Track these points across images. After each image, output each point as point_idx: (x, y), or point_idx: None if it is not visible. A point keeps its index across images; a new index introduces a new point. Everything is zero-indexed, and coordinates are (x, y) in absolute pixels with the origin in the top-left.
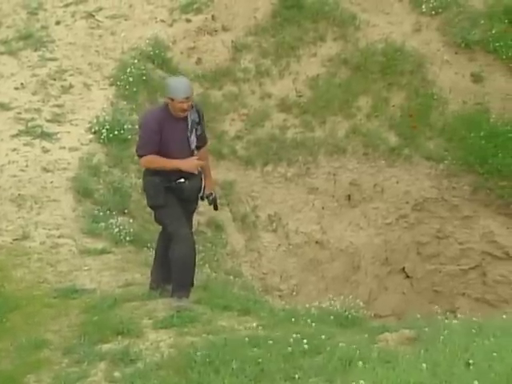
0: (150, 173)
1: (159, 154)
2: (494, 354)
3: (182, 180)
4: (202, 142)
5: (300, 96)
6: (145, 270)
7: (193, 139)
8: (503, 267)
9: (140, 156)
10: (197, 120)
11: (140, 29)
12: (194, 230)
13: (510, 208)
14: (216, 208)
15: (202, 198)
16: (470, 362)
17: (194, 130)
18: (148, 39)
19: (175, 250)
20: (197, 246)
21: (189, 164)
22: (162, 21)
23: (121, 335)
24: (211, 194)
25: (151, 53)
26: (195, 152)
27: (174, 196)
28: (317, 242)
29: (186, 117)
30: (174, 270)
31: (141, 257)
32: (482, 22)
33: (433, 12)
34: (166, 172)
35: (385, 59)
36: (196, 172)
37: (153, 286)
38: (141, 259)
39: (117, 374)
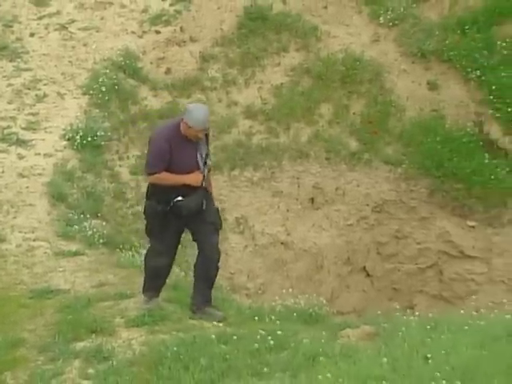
0: (152, 194)
1: (167, 171)
2: (450, 348)
3: (180, 198)
4: (207, 160)
5: (265, 104)
6: (117, 271)
7: (199, 158)
8: (458, 265)
9: (149, 173)
10: (204, 140)
11: (111, 40)
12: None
13: (464, 209)
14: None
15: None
16: (428, 356)
17: (201, 150)
18: (119, 50)
19: (150, 261)
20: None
21: (194, 178)
22: (133, 32)
23: (94, 333)
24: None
25: (122, 63)
26: (203, 170)
27: (173, 217)
28: (282, 243)
29: None
30: (146, 274)
31: (113, 258)
32: (437, 32)
33: (390, 24)
34: (165, 193)
35: (345, 68)
36: (200, 185)
37: (193, 309)
38: (113, 261)
39: (90, 370)
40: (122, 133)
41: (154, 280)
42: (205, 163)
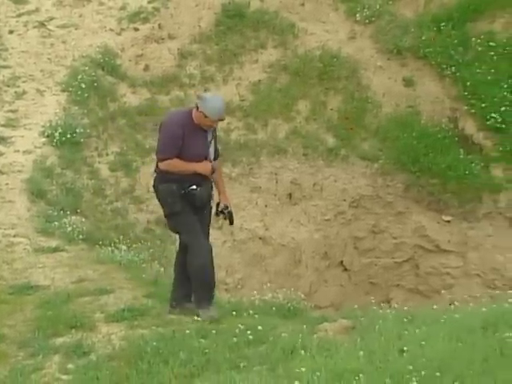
0: (165, 179)
1: (178, 158)
2: (426, 341)
3: (194, 187)
4: (217, 154)
5: (243, 100)
6: (97, 266)
7: (211, 150)
8: (434, 259)
9: (161, 159)
10: (215, 134)
11: (90, 37)
12: (144, 227)
13: (440, 204)
14: (232, 222)
15: (217, 214)
16: (404, 349)
17: (212, 142)
18: (98, 47)
19: (193, 262)
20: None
21: (204, 167)
22: (111, 30)
23: (74, 329)
24: (227, 207)
25: (101, 60)
26: (212, 162)
27: (188, 204)
28: (260, 238)
29: None
30: (194, 283)
31: (93, 254)
32: (413, 29)
33: (366, 21)
34: (179, 179)
35: (322, 65)
36: (209, 176)
37: (173, 304)
38: (93, 256)
39: (70, 365)
40: (101, 129)
41: (204, 287)
42: (215, 155)
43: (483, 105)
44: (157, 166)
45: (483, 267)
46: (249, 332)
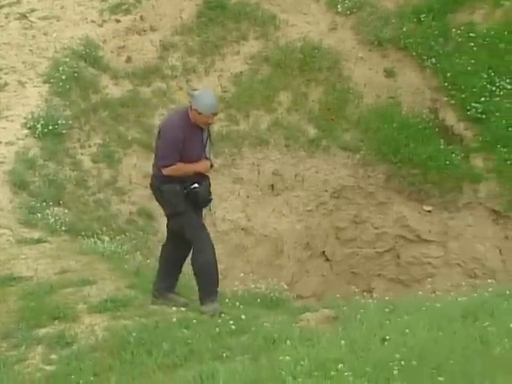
0: (167, 180)
1: (179, 161)
2: (407, 330)
3: (196, 185)
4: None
5: (225, 92)
6: (80, 257)
7: (207, 148)
8: (415, 249)
9: (164, 166)
10: (208, 131)
11: (72, 29)
12: (127, 218)
13: (421, 194)
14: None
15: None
16: (386, 338)
17: (208, 139)
18: (79, 39)
19: (198, 259)
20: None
21: (205, 166)
22: (93, 21)
23: (57, 320)
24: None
25: (83, 52)
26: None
27: (190, 203)
28: (242, 229)
29: None
30: (199, 278)
31: (75, 245)
32: (393, 21)
33: (347, 12)
34: (181, 179)
35: (303, 56)
36: (208, 174)
37: (155, 295)
38: (76, 248)
39: (53, 356)
40: (83, 121)
41: (208, 283)
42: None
43: (463, 95)
44: (157, 169)
45: (464, 257)
46: (231, 322)
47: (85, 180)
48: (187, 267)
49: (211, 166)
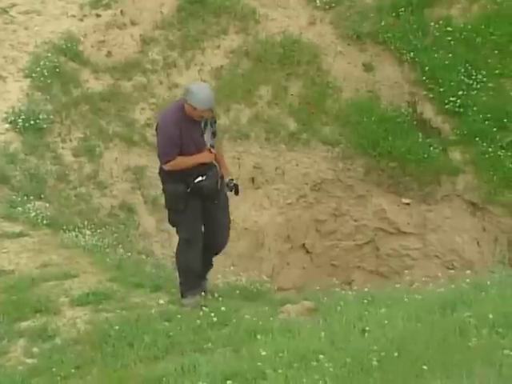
0: (171, 179)
1: (179, 155)
2: (386, 321)
3: (200, 178)
4: (215, 136)
5: None
6: (61, 251)
7: (207, 137)
8: (394, 241)
9: (165, 162)
10: (213, 119)
11: (52, 24)
12: (108, 212)
13: (399, 187)
14: (237, 193)
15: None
16: (365, 329)
17: (208, 128)
18: (60, 33)
19: (179, 257)
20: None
21: (206, 156)
22: (73, 16)
23: (39, 313)
24: (231, 180)
25: (63, 46)
26: (211, 148)
27: (196, 200)
28: None
29: None
30: (180, 273)
31: (57, 239)
32: (372, 15)
33: (326, 6)
34: (184, 175)
35: (283, 51)
36: (213, 162)
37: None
38: (57, 241)
39: (35, 349)
40: (64, 115)
41: (191, 277)
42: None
43: (441, 89)
44: (160, 167)
45: (442, 248)
46: (212, 314)
47: (66, 174)
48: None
49: (214, 155)
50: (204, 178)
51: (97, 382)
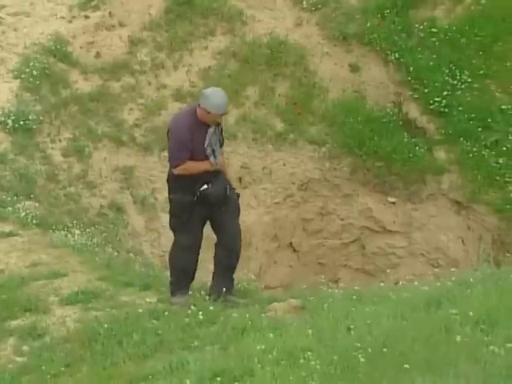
0: (181, 189)
1: (191, 160)
2: (372, 319)
3: (205, 186)
4: (221, 145)
5: (193, 86)
6: (51, 250)
7: (214, 143)
8: (380, 240)
9: (175, 166)
10: (221, 131)
11: (41, 25)
12: (97, 211)
13: (385, 186)
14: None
15: None
16: (351, 327)
17: (214, 137)
18: (49, 35)
19: (173, 256)
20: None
21: (208, 164)
22: (62, 17)
23: (29, 312)
24: (233, 189)
25: (53, 47)
26: (214, 154)
27: (202, 208)
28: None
29: None
30: (171, 272)
31: (46, 238)
32: (358, 16)
33: (312, 8)
34: (190, 183)
35: (270, 52)
36: (217, 169)
37: (214, 297)
38: (46, 241)
39: (25, 347)
40: (53, 116)
41: (184, 278)
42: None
43: (426, 90)
44: (169, 169)
45: (427, 247)
46: (200, 313)
47: (55, 174)
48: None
49: (221, 163)
50: (209, 185)
51: (86, 380)
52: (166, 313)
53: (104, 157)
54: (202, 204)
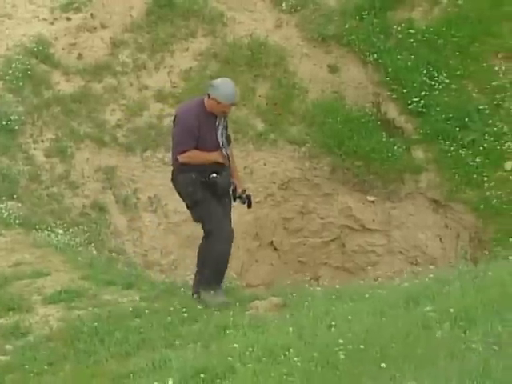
0: (185, 169)
1: (195, 148)
2: (352, 316)
3: (215, 175)
4: (228, 140)
5: (175, 87)
6: (33, 250)
7: (220, 135)
8: (360, 238)
9: (180, 152)
10: (226, 121)
11: (23, 27)
12: (80, 211)
13: (364, 185)
14: (250, 206)
15: (235, 199)
16: (331, 324)
17: (222, 129)
18: (31, 36)
19: (214, 248)
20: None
21: (219, 155)
22: (44, 19)
23: (12, 311)
24: (245, 191)
25: (35, 49)
26: (223, 146)
27: (210, 192)
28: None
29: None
30: (210, 267)
31: (29, 238)
32: (336, 18)
33: (292, 10)
34: (199, 168)
35: (250, 53)
36: (226, 163)
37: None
38: (29, 240)
39: (8, 346)
40: (35, 117)
41: (221, 270)
42: (228, 142)
43: (404, 90)
44: (175, 159)
45: (406, 245)
46: (184, 310)
47: (38, 174)
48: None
49: (227, 156)
50: (217, 175)
51: (69, 379)
52: (149, 311)
53: (86, 157)
54: (210, 190)
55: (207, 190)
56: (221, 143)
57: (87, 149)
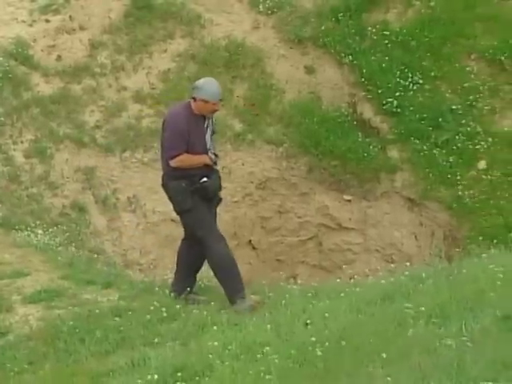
0: (176, 175)
1: (186, 152)
2: (329, 313)
3: (205, 179)
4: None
5: (153, 88)
6: (13, 250)
7: (207, 138)
8: (336, 237)
9: (172, 157)
10: (213, 122)
11: (2, 29)
12: (59, 211)
13: (341, 184)
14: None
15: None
16: (308, 321)
17: (208, 130)
18: (10, 38)
19: (212, 255)
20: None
21: (210, 158)
22: (23, 21)
23: None
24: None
25: (14, 51)
26: (211, 149)
27: (200, 198)
28: (172, 220)
29: (204, 116)
30: (220, 275)
31: (9, 238)
32: (313, 20)
33: (269, 12)
34: (188, 174)
35: (228, 54)
36: (214, 166)
37: (176, 295)
38: (9, 241)
39: None
40: (15, 118)
41: (231, 272)
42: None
43: (379, 91)
44: (167, 164)
45: (382, 243)
46: (163, 309)
47: (18, 175)
48: None
49: (214, 159)
50: (208, 179)
51: (49, 377)
52: (128, 310)
53: (66, 158)
54: (201, 196)
55: (196, 195)
56: (208, 145)
57: (66, 149)
